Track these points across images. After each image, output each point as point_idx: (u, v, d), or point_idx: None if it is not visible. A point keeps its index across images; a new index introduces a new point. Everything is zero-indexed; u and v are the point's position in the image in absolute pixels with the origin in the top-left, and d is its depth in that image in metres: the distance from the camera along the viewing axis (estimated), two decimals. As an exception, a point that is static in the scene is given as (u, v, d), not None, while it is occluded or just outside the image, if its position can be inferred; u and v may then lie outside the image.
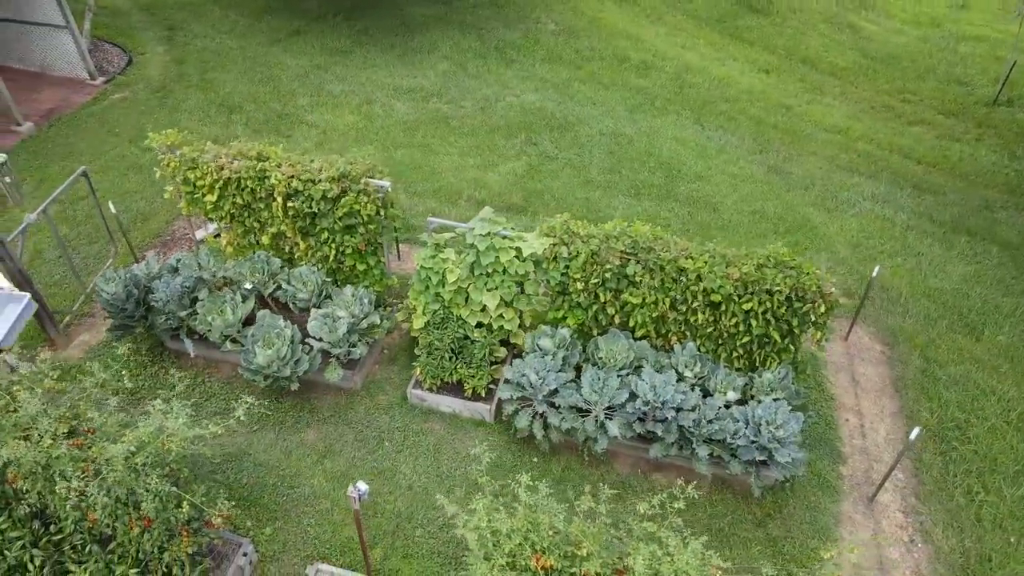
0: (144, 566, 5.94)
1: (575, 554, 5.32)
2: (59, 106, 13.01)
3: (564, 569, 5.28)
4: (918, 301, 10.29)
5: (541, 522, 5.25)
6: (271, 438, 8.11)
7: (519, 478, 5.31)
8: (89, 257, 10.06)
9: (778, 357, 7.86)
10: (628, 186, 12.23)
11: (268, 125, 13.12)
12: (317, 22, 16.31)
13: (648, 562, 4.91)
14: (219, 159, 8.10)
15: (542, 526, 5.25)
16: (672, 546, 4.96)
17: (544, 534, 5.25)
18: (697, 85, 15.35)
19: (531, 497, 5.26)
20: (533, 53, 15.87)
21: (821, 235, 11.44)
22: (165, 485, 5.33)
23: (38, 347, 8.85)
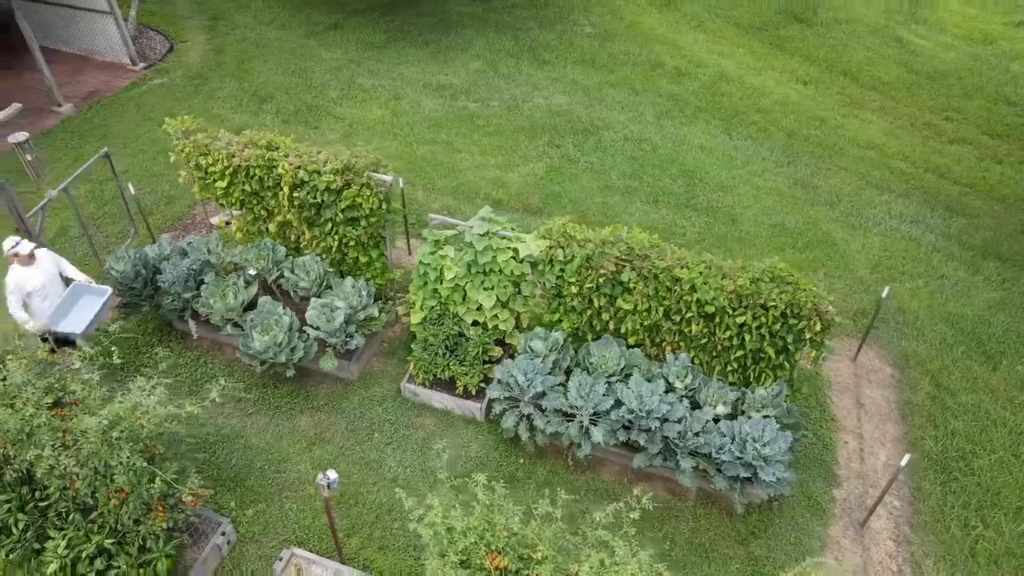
0: (121, 536, 6.14)
1: (530, 556, 5.32)
2: (100, 89, 13.49)
3: (519, 571, 5.29)
4: (935, 325, 9.98)
5: (497, 522, 5.27)
6: (264, 422, 8.29)
7: (476, 477, 5.32)
8: (112, 236, 10.42)
9: (773, 373, 7.72)
10: (647, 193, 12.13)
11: (297, 116, 13.38)
12: (356, 16, 16.56)
13: (596, 570, 4.88)
14: (230, 147, 8.30)
15: (498, 526, 5.26)
16: (620, 555, 4.92)
17: (499, 534, 5.26)
18: (730, 94, 15.13)
19: (488, 497, 5.27)
20: (566, 55, 15.84)
21: (841, 252, 11.17)
22: (138, 460, 5.49)
23: (54, 320, 9.19)
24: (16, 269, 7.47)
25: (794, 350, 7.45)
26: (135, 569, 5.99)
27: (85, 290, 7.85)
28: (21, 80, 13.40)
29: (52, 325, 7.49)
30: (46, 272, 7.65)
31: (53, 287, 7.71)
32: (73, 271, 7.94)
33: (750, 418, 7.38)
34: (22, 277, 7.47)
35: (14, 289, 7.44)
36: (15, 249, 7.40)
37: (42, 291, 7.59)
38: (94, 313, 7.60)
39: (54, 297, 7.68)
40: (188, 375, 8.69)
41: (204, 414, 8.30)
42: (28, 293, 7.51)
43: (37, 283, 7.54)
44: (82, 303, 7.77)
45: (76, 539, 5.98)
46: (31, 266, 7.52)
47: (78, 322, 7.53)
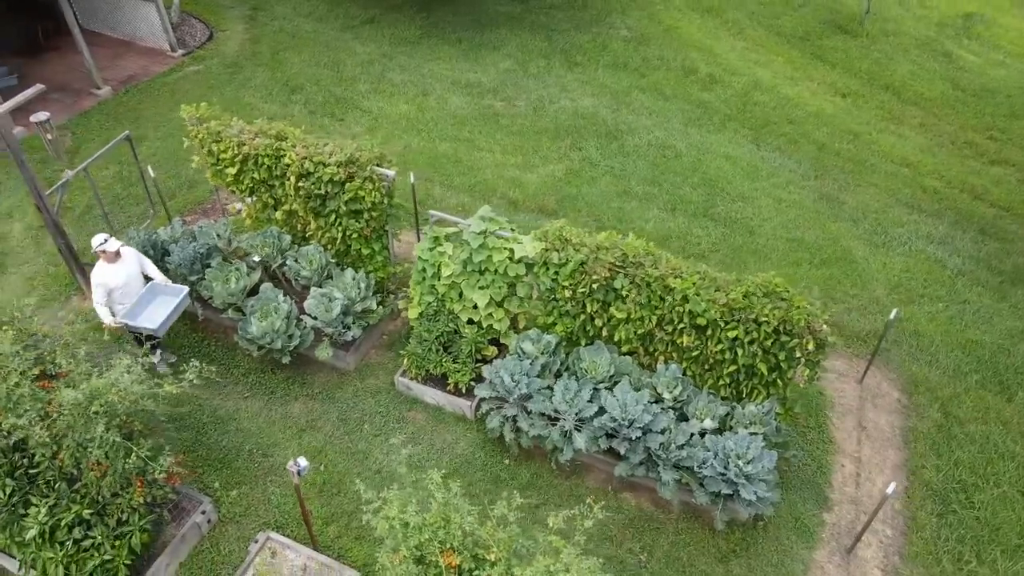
0: (101, 508, 6.33)
1: (484, 557, 5.32)
2: (138, 74, 13.89)
3: (472, 570, 5.30)
4: (951, 352, 9.66)
5: (453, 520, 5.28)
6: (258, 406, 8.45)
7: (431, 474, 5.34)
8: (134, 217, 10.73)
9: (765, 390, 7.57)
10: (666, 200, 12.00)
11: (325, 108, 13.58)
12: (392, 11, 16.73)
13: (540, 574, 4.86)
14: (241, 135, 8.48)
15: (453, 524, 5.28)
16: (565, 562, 4.89)
17: (454, 532, 5.28)
18: (763, 103, 14.85)
19: (443, 494, 5.29)
20: (599, 58, 15.75)
21: (859, 271, 10.88)
22: (114, 435, 5.66)
23: (70, 295, 9.53)
24: (102, 266, 7.68)
25: (787, 368, 7.29)
26: (110, 540, 6.17)
27: (161, 289, 8.06)
28: (65, 61, 13.89)
29: (129, 320, 7.73)
30: (129, 271, 7.86)
31: (134, 285, 7.92)
32: (153, 270, 8.14)
33: (736, 434, 7.24)
34: (107, 274, 7.68)
35: (99, 285, 7.66)
36: (103, 246, 7.57)
37: (124, 288, 7.81)
38: (169, 311, 7.81)
39: (134, 295, 7.90)
40: (191, 355, 8.90)
41: (202, 395, 8.52)
42: (111, 290, 7.73)
43: (120, 280, 7.76)
44: (158, 301, 7.99)
45: (58, 508, 6.18)
46: (116, 264, 7.72)
47: (154, 319, 7.75)
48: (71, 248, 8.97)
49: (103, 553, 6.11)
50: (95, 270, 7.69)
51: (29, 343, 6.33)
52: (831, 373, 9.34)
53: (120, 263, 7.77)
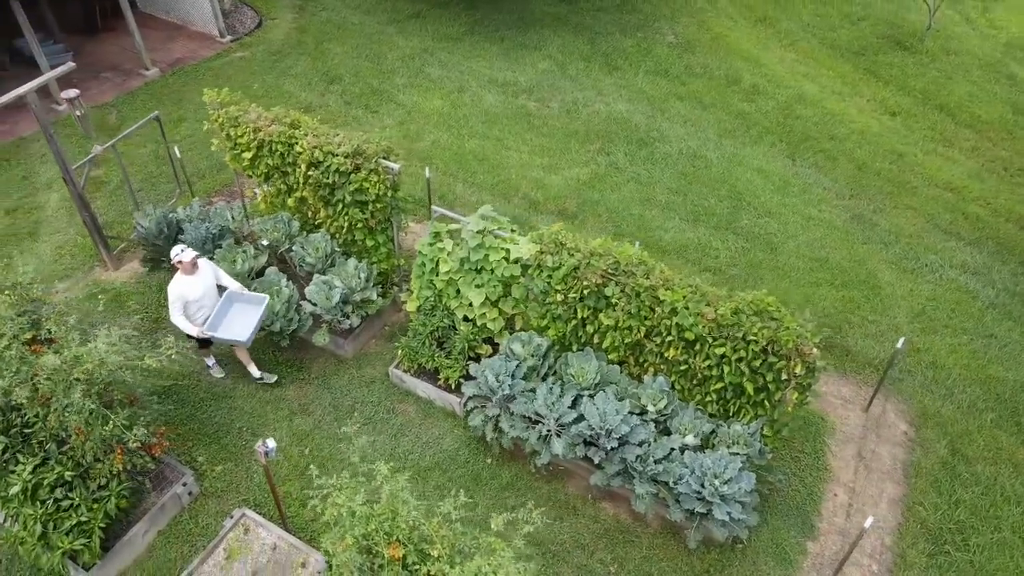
0: (84, 472, 6.59)
1: (428, 553, 5.36)
2: (186, 57, 14.38)
3: (415, 564, 5.34)
4: (969, 387, 9.25)
5: (400, 513, 5.33)
6: (255, 386, 8.66)
7: (379, 466, 5.40)
8: (162, 195, 11.12)
9: (752, 410, 7.39)
10: (689, 210, 11.81)
11: (360, 99, 13.81)
12: (438, 7, 16.88)
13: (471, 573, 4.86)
14: (258, 121, 8.70)
15: (400, 517, 5.33)
16: (497, 563, 4.88)
17: (400, 525, 5.33)
18: (805, 117, 14.46)
19: (391, 486, 5.35)
20: (640, 63, 15.59)
21: (883, 295, 10.52)
22: (90, 402, 5.89)
23: (93, 265, 9.94)
24: (180, 278, 7.60)
25: (774, 389, 7.10)
26: (87, 503, 6.43)
27: (239, 297, 8.04)
28: (120, 43, 14.47)
29: (212, 331, 7.69)
30: (206, 282, 7.80)
31: (210, 297, 7.87)
32: (228, 280, 8.08)
33: (716, 452, 7.10)
34: (184, 286, 7.60)
35: (176, 298, 7.58)
36: (179, 256, 7.50)
37: (200, 301, 7.75)
38: (255, 321, 7.80)
39: (211, 307, 7.84)
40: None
41: (201, 371, 8.78)
42: (187, 302, 7.67)
43: (197, 293, 7.69)
44: (238, 310, 7.99)
45: (43, 468, 6.46)
46: (193, 275, 7.65)
47: (241, 330, 7.74)
48: (95, 220, 9.36)
49: (80, 514, 6.36)
50: (173, 282, 7.60)
51: (28, 308, 6.63)
52: (836, 399, 9.07)
53: (197, 275, 7.70)
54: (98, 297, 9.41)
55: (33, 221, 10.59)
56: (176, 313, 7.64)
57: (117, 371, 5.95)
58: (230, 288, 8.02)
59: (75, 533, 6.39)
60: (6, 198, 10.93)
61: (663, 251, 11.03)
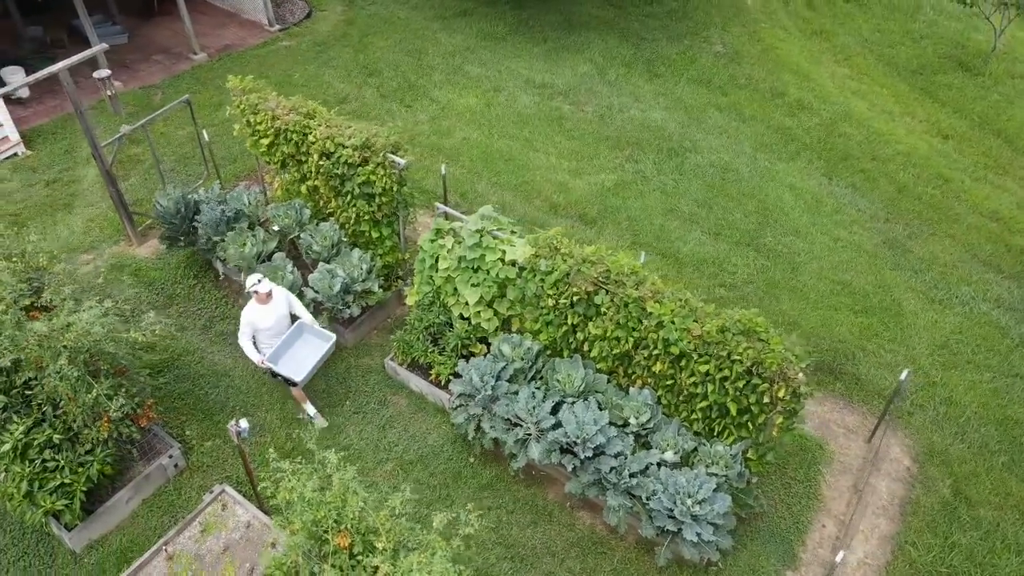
0: (74, 436, 6.88)
1: (375, 545, 5.41)
2: (234, 44, 14.82)
3: (360, 554, 5.40)
4: (983, 426, 8.84)
5: (349, 503, 5.40)
6: (253, 367, 8.87)
7: (327, 455, 5.48)
8: (193, 176, 11.48)
9: (737, 431, 7.22)
10: (712, 223, 11.59)
11: (396, 93, 13.99)
12: (486, 6, 16.96)
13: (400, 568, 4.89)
14: (276, 109, 8.91)
15: (349, 507, 5.40)
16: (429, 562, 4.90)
17: (349, 514, 5.40)
18: (848, 135, 14.02)
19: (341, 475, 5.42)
20: (683, 71, 15.35)
21: (904, 325, 10.12)
22: (74, 370, 6.15)
23: (119, 239, 10.35)
24: (253, 306, 7.61)
25: (757, 412, 6.93)
26: (72, 467, 6.70)
27: (309, 331, 7.93)
28: (173, 27, 14.99)
29: (272, 362, 7.59)
30: (278, 312, 7.74)
31: (282, 326, 7.82)
32: (302, 311, 7.98)
33: (693, 470, 6.96)
34: (256, 314, 7.59)
35: (247, 324, 7.58)
36: (256, 287, 7.45)
37: (271, 330, 7.73)
38: (316, 360, 7.65)
39: (281, 336, 7.81)
40: (208, 310, 9.49)
41: (205, 347, 9.06)
42: (258, 330, 7.68)
43: (269, 322, 7.67)
44: (303, 344, 7.88)
45: (38, 431, 6.76)
46: (267, 305, 7.63)
47: (299, 368, 7.59)
48: (121, 196, 9.74)
49: (64, 476, 6.64)
50: (246, 308, 7.63)
51: (32, 276, 6.95)
52: (839, 427, 8.79)
53: (271, 304, 7.66)
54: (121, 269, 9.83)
55: (69, 193, 11.09)
56: (244, 338, 7.64)
57: (101, 342, 6.17)
58: (302, 320, 7.93)
59: (58, 494, 6.67)
60: (48, 170, 11.47)
61: (680, 264, 10.86)
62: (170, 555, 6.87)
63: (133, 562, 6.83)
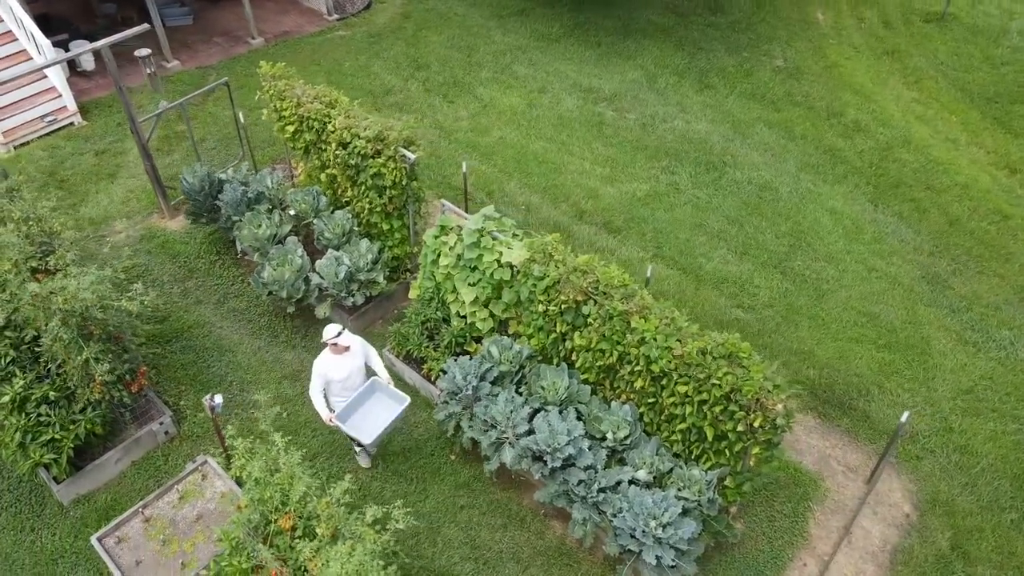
0: (70, 394, 7.24)
1: (316, 531, 5.51)
2: (291, 30, 15.25)
3: (300, 537, 5.51)
4: (997, 480, 8.33)
5: (295, 487, 5.51)
6: (258, 345, 9.14)
7: (275, 438, 5.59)
8: (231, 156, 11.88)
9: (715, 458, 7.02)
10: (740, 242, 11.27)
11: (441, 88, 14.12)
12: (544, 6, 16.92)
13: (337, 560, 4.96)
14: (301, 97, 9.14)
15: (294, 490, 5.51)
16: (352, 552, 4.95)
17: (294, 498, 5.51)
18: (904, 162, 13.40)
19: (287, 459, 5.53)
20: (736, 84, 14.96)
21: (929, 365, 9.62)
22: (66, 332, 6.46)
23: (152, 211, 10.81)
24: (327, 356, 7.16)
25: (734, 439, 6.71)
26: (63, 423, 7.06)
27: (382, 389, 7.46)
28: (236, 11, 15.50)
29: (340, 420, 7.15)
30: (353, 363, 7.27)
31: (355, 379, 7.35)
32: (378, 364, 7.49)
33: (663, 492, 6.80)
34: (330, 365, 7.14)
35: (319, 375, 7.15)
36: (335, 339, 7.01)
37: (344, 382, 7.26)
38: (388, 423, 7.15)
39: (354, 389, 7.36)
40: (224, 286, 9.82)
41: (215, 322, 9.37)
42: (330, 381, 7.23)
43: (342, 374, 7.20)
44: (374, 403, 7.44)
45: (38, 387, 7.14)
46: (342, 356, 7.17)
47: (369, 429, 7.12)
48: (156, 171, 10.18)
49: (54, 432, 6.99)
50: (319, 359, 7.18)
51: (45, 240, 7.33)
52: (839, 465, 8.44)
53: (347, 355, 7.20)
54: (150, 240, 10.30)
55: (115, 164, 11.64)
56: (314, 389, 7.20)
57: (92, 308, 6.47)
58: (376, 376, 7.46)
59: (48, 448, 7.03)
60: (99, 141, 12.08)
61: (699, 280, 10.61)
62: (147, 518, 7.14)
63: (113, 520, 7.13)
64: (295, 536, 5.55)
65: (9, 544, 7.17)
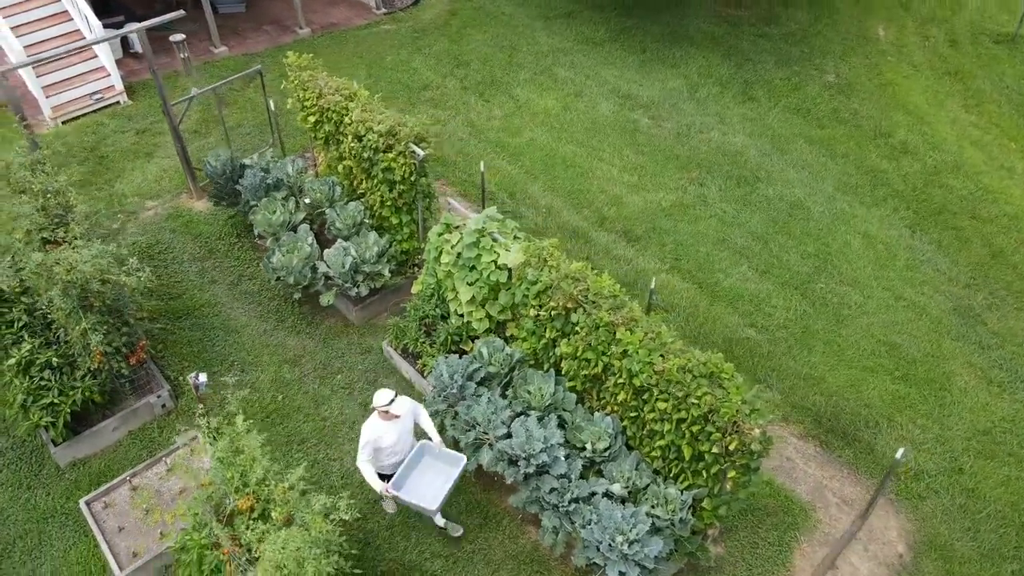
0: (72, 361, 7.54)
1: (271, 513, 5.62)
2: (339, 22, 15.54)
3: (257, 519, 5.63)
4: (1002, 528, 7.92)
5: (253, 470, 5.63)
6: (264, 328, 9.36)
7: (236, 420, 5.71)
8: (263, 142, 12.17)
9: (692, 478, 6.87)
10: (762, 260, 10.98)
11: (478, 87, 14.18)
12: (592, 10, 16.80)
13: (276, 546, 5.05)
14: (323, 88, 9.30)
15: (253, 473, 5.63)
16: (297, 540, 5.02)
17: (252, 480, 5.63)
18: (950, 188, 12.84)
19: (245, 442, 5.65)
20: (781, 98, 14.58)
21: (947, 402, 9.21)
22: (67, 301, 6.74)
23: (181, 192, 11.18)
24: (376, 422, 6.64)
25: (711, 461, 6.55)
26: (62, 389, 7.36)
27: (432, 452, 7.04)
28: (287, 1, 15.87)
29: (397, 489, 6.67)
30: (403, 426, 6.80)
31: (404, 443, 6.88)
32: (428, 424, 7.00)
33: (635, 508, 6.70)
34: (379, 431, 6.63)
35: (367, 442, 6.62)
36: (387, 407, 6.50)
37: (393, 447, 6.77)
38: (448, 486, 6.72)
39: (402, 454, 6.88)
40: (239, 268, 10.08)
41: (226, 302, 9.62)
42: (378, 449, 6.72)
43: (391, 440, 6.71)
44: (427, 466, 7.02)
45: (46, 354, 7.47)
46: (391, 421, 6.68)
47: (431, 495, 6.68)
48: (186, 152, 10.52)
49: (53, 396, 7.31)
50: (367, 424, 6.67)
51: (59, 212, 7.65)
52: (834, 496, 8.15)
53: (397, 420, 6.72)
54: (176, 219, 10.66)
55: (153, 144, 12.08)
56: (364, 462, 6.67)
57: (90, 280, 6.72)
58: (427, 439, 7.02)
59: (48, 411, 7.35)
60: (141, 120, 12.54)
61: (714, 296, 10.39)
62: (134, 487, 7.40)
63: (102, 485, 7.41)
64: (252, 517, 5.67)
65: (6, 499, 7.53)
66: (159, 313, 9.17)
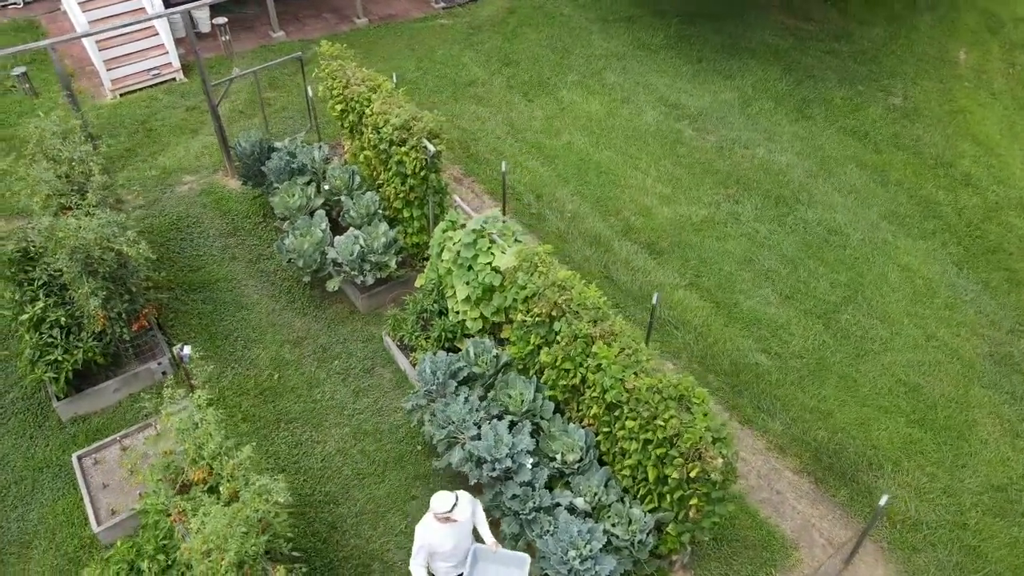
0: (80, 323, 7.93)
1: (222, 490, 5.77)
2: (396, 14, 15.75)
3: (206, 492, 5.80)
4: (1001, 591, 7.43)
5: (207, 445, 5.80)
6: (274, 308, 9.60)
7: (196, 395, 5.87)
8: (302, 127, 12.46)
9: (656, 500, 6.71)
10: (788, 285, 10.59)
11: (524, 87, 14.14)
12: (654, 16, 16.50)
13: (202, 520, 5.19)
14: (350, 79, 9.47)
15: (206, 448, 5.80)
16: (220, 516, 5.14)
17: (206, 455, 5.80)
18: (1010, 226, 12.08)
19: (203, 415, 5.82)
20: (838, 118, 13.99)
21: (964, 452, 8.69)
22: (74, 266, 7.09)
23: (217, 170, 11.57)
24: (432, 524, 5.99)
25: (674, 485, 6.38)
26: (66, 347, 7.75)
27: (487, 556, 6.39)
28: (351, -9, 16.23)
29: None
30: (461, 530, 6.15)
31: (463, 546, 6.25)
32: (484, 526, 6.35)
33: (594, 524, 6.58)
34: (435, 536, 6.00)
35: (422, 547, 6.03)
36: (445, 512, 5.85)
37: (450, 553, 6.16)
38: None
39: (459, 559, 6.27)
40: (260, 247, 10.38)
41: (242, 280, 9.92)
42: (434, 553, 6.11)
43: (448, 546, 6.08)
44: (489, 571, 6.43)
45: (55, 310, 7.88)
46: (448, 525, 6.00)
47: None
48: (223, 132, 10.89)
49: (57, 354, 7.70)
50: (423, 527, 6.02)
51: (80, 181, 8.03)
52: (821, 537, 7.80)
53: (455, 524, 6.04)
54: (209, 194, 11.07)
55: (200, 121, 12.54)
56: (417, 564, 6.08)
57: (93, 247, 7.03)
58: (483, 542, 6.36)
59: (52, 367, 7.75)
60: (193, 98, 13.03)
61: (730, 317, 10.08)
62: (124, 447, 7.72)
63: (95, 442, 7.78)
64: (203, 490, 5.84)
65: (8, 446, 7.98)
66: (175, 284, 9.52)
